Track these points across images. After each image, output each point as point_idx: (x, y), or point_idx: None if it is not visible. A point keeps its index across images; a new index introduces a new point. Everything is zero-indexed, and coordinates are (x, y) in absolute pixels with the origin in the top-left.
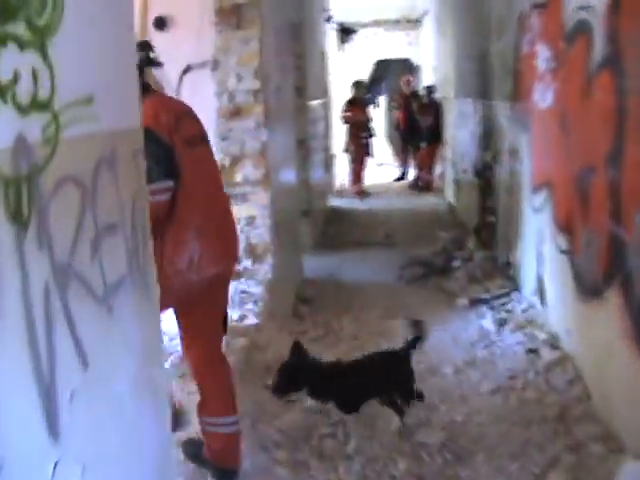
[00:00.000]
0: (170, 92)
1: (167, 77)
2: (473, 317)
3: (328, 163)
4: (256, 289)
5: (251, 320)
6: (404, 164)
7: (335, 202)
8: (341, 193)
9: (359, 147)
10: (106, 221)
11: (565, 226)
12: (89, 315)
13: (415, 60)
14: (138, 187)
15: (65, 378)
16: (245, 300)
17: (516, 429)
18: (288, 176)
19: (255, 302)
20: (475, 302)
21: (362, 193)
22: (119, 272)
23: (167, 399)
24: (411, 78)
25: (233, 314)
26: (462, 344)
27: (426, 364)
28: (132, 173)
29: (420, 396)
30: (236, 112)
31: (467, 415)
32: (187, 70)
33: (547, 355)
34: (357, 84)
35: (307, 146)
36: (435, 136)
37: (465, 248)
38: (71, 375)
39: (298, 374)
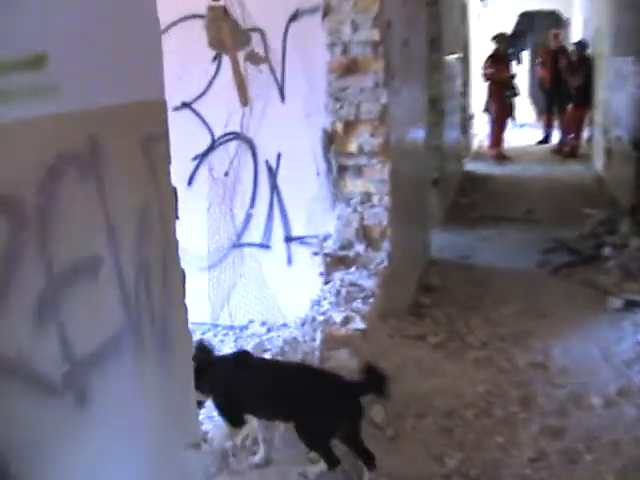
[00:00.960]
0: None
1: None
2: (628, 326)
3: (465, 124)
4: (367, 282)
5: (356, 324)
6: (548, 127)
7: (471, 166)
8: (478, 156)
9: (501, 107)
10: (75, 257)
11: None
12: (31, 418)
13: (564, 13)
14: (153, 193)
15: None
16: (353, 295)
17: None
18: (416, 142)
19: (364, 299)
20: (630, 305)
21: (501, 157)
22: (104, 332)
23: None
24: (559, 32)
25: (335, 315)
26: (614, 363)
27: (569, 389)
28: (138, 173)
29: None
30: (351, 68)
31: (620, 472)
32: (295, 16)
33: None
34: (500, 38)
35: (442, 106)
36: (584, 97)
37: (618, 232)
38: None
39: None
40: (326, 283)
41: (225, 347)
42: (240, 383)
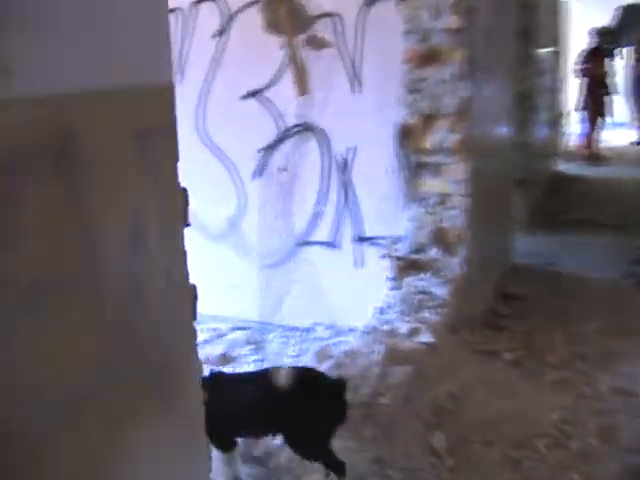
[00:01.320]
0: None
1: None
2: None
3: (556, 122)
4: (440, 290)
5: (423, 337)
6: None
7: (561, 167)
8: (570, 156)
9: (596, 105)
10: (33, 279)
11: None
12: None
13: None
14: (151, 196)
15: None
16: (423, 304)
17: None
18: (500, 140)
19: (435, 308)
20: None
21: (595, 157)
22: (71, 378)
23: None
24: None
25: (401, 325)
26: None
27: None
28: (129, 173)
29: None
30: (430, 57)
31: None
32: (371, 2)
33: None
34: (602, 32)
35: (531, 102)
36: None
37: None
38: None
39: None
40: (394, 289)
41: (288, 349)
42: (219, 407)
